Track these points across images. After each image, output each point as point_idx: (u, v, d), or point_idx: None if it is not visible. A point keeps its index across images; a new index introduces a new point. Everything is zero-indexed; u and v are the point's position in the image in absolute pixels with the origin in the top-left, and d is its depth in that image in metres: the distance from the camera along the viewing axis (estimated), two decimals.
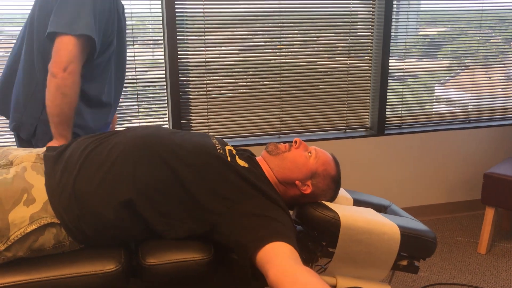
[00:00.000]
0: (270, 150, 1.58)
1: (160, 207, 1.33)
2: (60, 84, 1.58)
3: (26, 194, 1.25)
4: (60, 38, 1.59)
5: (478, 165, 3.28)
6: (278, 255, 1.19)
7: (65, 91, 1.60)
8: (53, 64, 1.59)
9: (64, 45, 1.58)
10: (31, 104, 1.75)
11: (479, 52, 3.22)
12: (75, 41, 1.59)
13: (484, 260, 2.71)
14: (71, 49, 1.59)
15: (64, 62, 1.58)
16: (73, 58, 1.60)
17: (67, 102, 1.61)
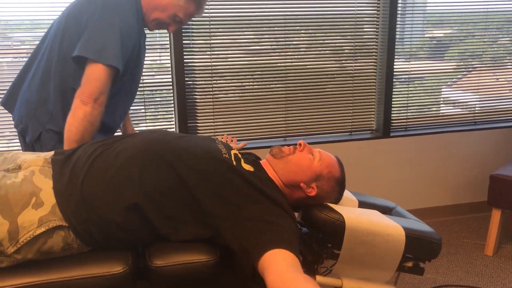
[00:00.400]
0: (274, 153, 1.59)
1: (166, 211, 1.35)
2: (89, 114, 1.62)
3: (34, 198, 1.27)
4: (91, 66, 1.63)
5: (484, 167, 3.27)
6: (277, 263, 1.20)
7: (92, 120, 1.63)
8: (85, 93, 1.62)
9: (97, 75, 1.63)
10: (41, 111, 1.78)
11: (486, 53, 3.22)
12: (105, 71, 1.63)
13: (491, 262, 2.71)
14: (103, 80, 1.63)
15: (96, 93, 1.62)
16: (104, 89, 1.65)
17: (91, 131, 1.65)
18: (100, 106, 1.65)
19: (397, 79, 3.07)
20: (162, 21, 1.84)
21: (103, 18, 1.67)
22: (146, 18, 1.83)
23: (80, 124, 1.63)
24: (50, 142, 1.78)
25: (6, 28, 2.46)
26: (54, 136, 1.78)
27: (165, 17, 1.83)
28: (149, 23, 1.85)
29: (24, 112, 1.82)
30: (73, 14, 1.74)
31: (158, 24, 1.86)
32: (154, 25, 1.86)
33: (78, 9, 1.73)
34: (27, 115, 1.80)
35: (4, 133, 2.59)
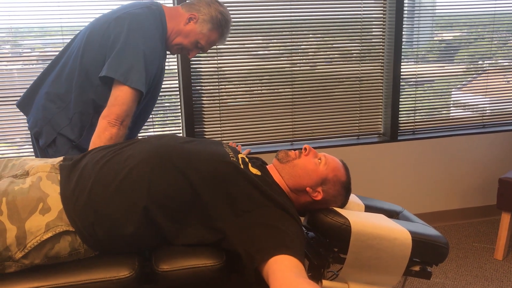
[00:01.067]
0: (280, 157, 1.60)
1: (174, 214, 1.36)
2: (115, 135, 1.69)
3: (41, 203, 1.28)
4: (118, 88, 1.69)
5: (493, 170, 3.24)
6: (282, 269, 1.20)
7: (116, 141, 1.69)
8: (112, 116, 1.68)
9: (124, 99, 1.68)
10: (60, 116, 1.81)
11: (496, 56, 3.20)
12: (132, 94, 1.69)
13: (501, 266, 2.68)
14: (129, 103, 1.69)
15: (123, 116, 1.69)
16: (130, 112, 1.71)
17: (104, 143, 1.68)
18: (125, 128, 1.72)
19: (406, 82, 3.06)
20: (185, 47, 1.90)
21: (129, 40, 1.71)
22: (169, 42, 1.88)
23: (101, 142, 1.68)
24: (64, 147, 1.81)
25: (16, 35, 2.49)
26: (68, 143, 1.81)
27: (188, 43, 1.89)
28: (171, 47, 1.91)
29: (40, 116, 1.84)
30: (98, 30, 1.78)
31: (180, 49, 1.92)
32: (176, 50, 1.93)
33: (105, 28, 1.77)
34: (44, 119, 1.83)
35: (15, 139, 2.62)
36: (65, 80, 1.83)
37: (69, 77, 1.82)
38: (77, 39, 1.88)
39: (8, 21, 2.43)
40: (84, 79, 1.79)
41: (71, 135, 1.81)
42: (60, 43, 2.50)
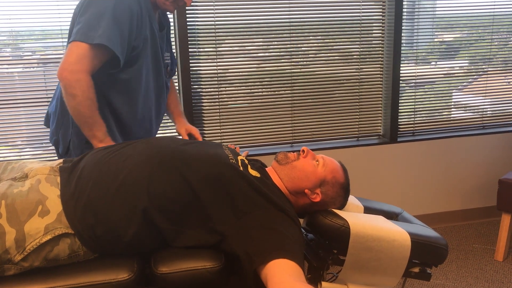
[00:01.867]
0: (279, 159, 1.60)
1: (173, 216, 1.36)
2: (66, 85, 1.60)
3: (41, 206, 1.28)
4: (71, 43, 1.62)
5: (493, 171, 3.24)
6: (280, 273, 1.20)
7: (72, 92, 1.60)
8: (59, 68, 1.61)
9: (72, 49, 1.61)
10: (65, 119, 1.80)
11: (497, 57, 3.20)
12: (86, 47, 1.60)
13: (501, 267, 2.68)
14: (79, 52, 1.60)
15: (67, 63, 1.60)
16: (79, 60, 1.60)
17: (79, 102, 1.62)
18: (73, 74, 1.60)
19: (406, 83, 3.06)
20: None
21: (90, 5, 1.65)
22: (159, 1, 1.78)
23: (67, 100, 1.63)
24: (77, 151, 1.79)
25: (17, 38, 2.50)
26: (80, 144, 1.79)
27: None
28: (163, 4, 1.78)
29: (57, 125, 1.84)
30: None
31: (174, 1, 1.78)
32: (170, 4, 1.78)
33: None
34: (58, 127, 1.83)
35: (16, 142, 2.63)
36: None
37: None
38: None
39: (8, 24, 2.44)
40: None
41: (77, 137, 1.78)
42: (61, 46, 2.51)
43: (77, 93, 1.61)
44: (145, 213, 1.34)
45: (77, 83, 1.60)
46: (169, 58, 2.01)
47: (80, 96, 1.61)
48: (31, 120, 2.57)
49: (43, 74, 2.56)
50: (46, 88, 2.54)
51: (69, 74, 1.59)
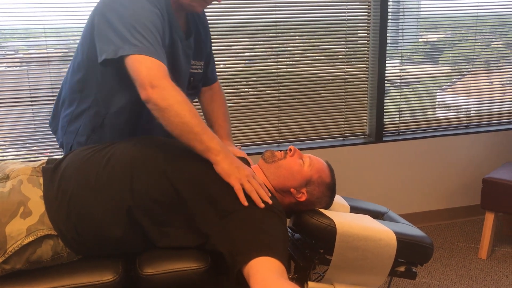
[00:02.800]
0: (266, 157, 1.60)
1: (158, 216, 1.35)
2: (156, 103, 1.36)
3: (22, 207, 1.26)
4: (131, 58, 1.41)
5: (477, 170, 3.28)
6: (263, 271, 1.19)
7: (164, 105, 1.36)
8: (140, 92, 1.38)
9: (136, 65, 1.40)
10: (73, 124, 1.67)
11: (480, 57, 3.24)
12: (146, 58, 1.40)
13: (485, 265, 2.71)
14: (146, 64, 1.39)
15: (145, 80, 1.38)
16: (150, 70, 1.39)
17: (176, 113, 1.37)
18: (158, 87, 1.36)
19: (391, 83, 3.08)
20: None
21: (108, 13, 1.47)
22: (184, 2, 1.57)
23: (164, 120, 1.37)
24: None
25: None
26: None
27: None
28: (189, 5, 1.59)
29: (61, 128, 1.72)
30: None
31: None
32: (197, 3, 1.58)
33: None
34: (63, 130, 1.71)
35: None
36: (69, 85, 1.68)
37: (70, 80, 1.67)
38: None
39: None
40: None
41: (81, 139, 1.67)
42: (43, 45, 2.48)
43: (171, 102, 1.36)
44: (129, 213, 1.32)
45: (166, 91, 1.37)
46: (198, 67, 1.82)
47: (175, 104, 1.37)
48: (14, 120, 2.54)
49: (27, 73, 2.52)
50: (30, 87, 2.50)
51: (154, 88, 1.36)
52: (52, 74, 2.52)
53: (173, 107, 1.36)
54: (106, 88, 1.58)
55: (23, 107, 2.51)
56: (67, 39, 2.55)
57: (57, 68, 2.54)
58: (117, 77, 1.53)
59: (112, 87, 1.57)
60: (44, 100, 2.52)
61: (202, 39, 1.79)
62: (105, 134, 1.63)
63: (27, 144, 2.61)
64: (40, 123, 2.59)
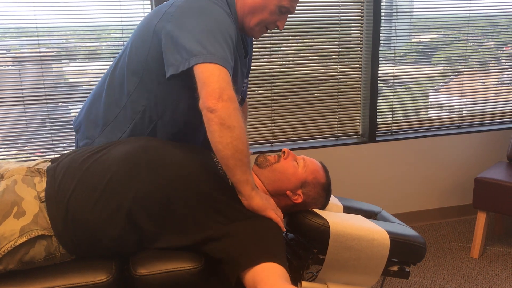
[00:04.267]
0: (259, 163, 1.60)
1: (157, 219, 1.35)
2: (222, 116, 1.32)
3: (16, 207, 1.26)
4: (202, 66, 1.37)
5: (469, 170, 3.30)
6: (271, 276, 1.22)
7: (230, 123, 1.33)
8: (206, 98, 1.33)
9: (216, 73, 1.36)
10: (110, 128, 1.64)
11: (472, 58, 3.26)
12: (226, 72, 1.38)
13: (477, 264, 2.73)
14: (224, 77, 1.36)
15: (220, 89, 1.33)
16: (228, 85, 1.36)
17: (237, 135, 1.34)
18: (230, 102, 1.33)
19: (384, 83, 3.09)
20: (268, 21, 1.59)
21: (184, 22, 1.45)
22: (246, 26, 1.60)
23: (221, 135, 1.34)
24: None
25: None
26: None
27: (268, 15, 1.57)
28: (252, 30, 1.62)
29: (94, 128, 1.67)
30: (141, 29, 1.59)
31: (263, 27, 1.62)
32: (259, 30, 1.62)
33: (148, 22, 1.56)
34: (96, 131, 1.66)
35: None
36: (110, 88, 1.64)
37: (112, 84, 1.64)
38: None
39: None
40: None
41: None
42: (36, 44, 2.46)
43: (237, 124, 1.34)
44: (129, 213, 1.32)
45: (235, 112, 1.34)
46: (245, 85, 1.85)
47: (239, 128, 1.35)
48: (6, 119, 2.52)
49: (19, 72, 2.51)
50: (22, 86, 2.48)
51: (226, 102, 1.32)
52: (45, 73, 2.50)
53: (236, 129, 1.34)
54: (163, 98, 1.54)
55: (15, 106, 2.50)
56: (59, 38, 2.54)
57: (49, 67, 2.52)
58: (182, 87, 1.51)
59: (174, 95, 1.55)
60: (37, 99, 2.51)
61: (250, 59, 1.83)
62: None
63: (19, 144, 2.59)
64: (32, 122, 2.57)
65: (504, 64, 3.35)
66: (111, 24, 2.52)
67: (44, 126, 2.58)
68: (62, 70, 2.61)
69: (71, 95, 2.59)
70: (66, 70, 2.63)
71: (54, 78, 2.58)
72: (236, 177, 1.38)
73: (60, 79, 2.61)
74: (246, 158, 1.38)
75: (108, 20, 2.50)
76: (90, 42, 2.56)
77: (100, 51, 2.57)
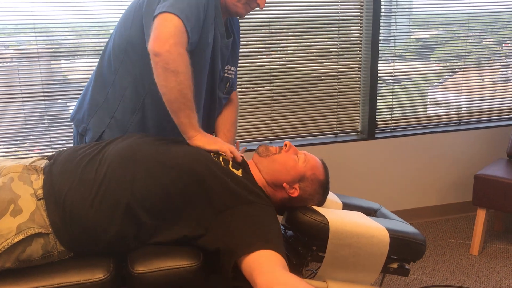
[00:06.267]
0: (260, 151, 1.60)
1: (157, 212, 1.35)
2: (168, 60, 1.38)
3: (12, 205, 1.25)
4: (164, 14, 1.42)
5: (469, 167, 3.29)
6: (267, 263, 1.21)
7: (174, 68, 1.39)
8: (152, 42, 1.39)
9: (168, 20, 1.40)
10: (101, 109, 1.67)
11: (471, 54, 3.25)
12: (181, 22, 1.41)
13: (476, 262, 2.73)
14: (176, 24, 1.40)
15: (167, 34, 1.39)
16: (177, 32, 1.40)
17: (182, 80, 1.41)
18: (175, 47, 1.39)
19: (383, 80, 3.08)
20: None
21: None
22: (229, 2, 1.63)
23: (165, 79, 1.40)
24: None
25: None
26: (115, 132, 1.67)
27: None
28: (235, 6, 1.64)
29: (89, 113, 1.70)
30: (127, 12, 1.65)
31: (246, 2, 1.64)
32: (242, 6, 1.64)
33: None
34: (91, 115, 1.69)
35: None
36: (98, 71, 1.70)
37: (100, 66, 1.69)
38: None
39: None
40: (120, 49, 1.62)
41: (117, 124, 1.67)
42: (34, 41, 2.45)
43: (181, 69, 1.40)
44: (127, 208, 1.32)
45: (180, 57, 1.40)
46: (233, 73, 1.86)
47: (184, 73, 1.41)
48: (4, 116, 2.51)
49: (17, 69, 2.50)
50: (20, 83, 2.47)
51: (171, 47, 1.38)
52: (43, 70, 2.49)
53: (181, 75, 1.40)
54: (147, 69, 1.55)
55: (14, 103, 2.49)
56: (57, 35, 2.52)
57: (47, 64, 2.51)
58: None
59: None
60: (35, 96, 2.50)
61: (236, 45, 1.83)
62: (147, 116, 1.64)
63: (17, 141, 2.58)
64: (31, 119, 2.56)
65: (504, 60, 3.34)
66: (109, 21, 2.51)
67: (42, 123, 2.58)
68: (61, 67, 2.60)
69: (69, 92, 2.58)
70: (65, 67, 2.62)
71: (53, 75, 2.57)
72: (180, 120, 1.47)
73: (59, 76, 2.60)
74: (189, 102, 1.45)
75: (106, 16, 2.49)
76: (88, 39, 2.55)
77: (99, 48, 2.55)
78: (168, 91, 1.42)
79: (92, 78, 1.74)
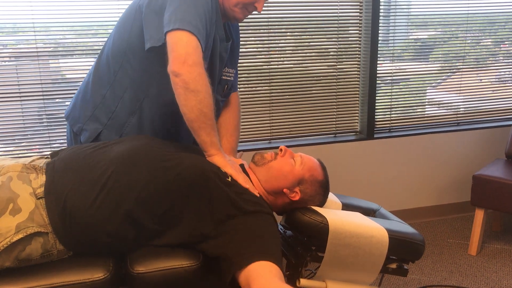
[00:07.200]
0: (256, 160, 1.60)
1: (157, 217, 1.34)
2: (188, 80, 1.40)
3: (12, 204, 1.25)
4: (179, 32, 1.43)
5: (467, 167, 3.30)
6: (264, 275, 1.21)
7: (194, 87, 1.40)
8: (172, 63, 1.41)
9: (178, 40, 1.42)
10: (99, 109, 1.67)
11: (470, 55, 3.25)
12: (196, 39, 1.44)
13: (474, 262, 2.73)
14: (192, 43, 1.42)
15: (186, 54, 1.41)
16: (195, 51, 1.42)
17: (201, 99, 1.42)
18: (195, 67, 1.41)
19: (382, 80, 3.09)
20: (246, 2, 1.62)
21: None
22: (227, 6, 1.63)
23: (186, 99, 1.41)
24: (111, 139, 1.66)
25: None
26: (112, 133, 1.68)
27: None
28: (232, 12, 1.64)
29: (85, 114, 1.71)
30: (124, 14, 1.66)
31: (243, 7, 1.64)
32: (239, 11, 1.65)
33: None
34: (87, 116, 1.70)
35: None
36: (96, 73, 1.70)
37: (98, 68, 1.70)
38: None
39: None
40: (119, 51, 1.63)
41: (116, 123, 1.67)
42: (33, 40, 2.45)
43: (201, 89, 1.42)
44: (129, 212, 1.32)
45: (200, 77, 1.42)
46: (232, 75, 1.85)
47: (203, 92, 1.42)
48: (4, 116, 2.50)
49: (15, 68, 2.49)
50: (19, 82, 2.47)
51: (191, 67, 1.40)
52: (42, 69, 2.49)
53: (201, 93, 1.41)
54: (146, 73, 1.59)
55: (12, 102, 2.48)
56: (56, 34, 2.52)
57: (46, 63, 2.51)
58: (164, 61, 1.51)
59: (158, 68, 1.57)
60: (34, 95, 2.49)
61: (235, 48, 1.84)
62: (144, 118, 1.65)
63: (16, 140, 2.58)
64: (29, 118, 2.56)
65: (502, 61, 3.35)
66: (108, 20, 2.51)
67: (41, 122, 2.57)
68: (59, 66, 2.60)
69: (68, 91, 2.58)
70: (63, 66, 2.61)
71: (51, 74, 2.57)
72: (201, 138, 1.47)
73: (57, 75, 2.59)
74: (210, 120, 1.45)
75: (105, 16, 2.49)
76: (87, 38, 2.55)
77: (97, 47, 2.55)
78: (189, 110, 1.43)
79: (89, 77, 1.74)
